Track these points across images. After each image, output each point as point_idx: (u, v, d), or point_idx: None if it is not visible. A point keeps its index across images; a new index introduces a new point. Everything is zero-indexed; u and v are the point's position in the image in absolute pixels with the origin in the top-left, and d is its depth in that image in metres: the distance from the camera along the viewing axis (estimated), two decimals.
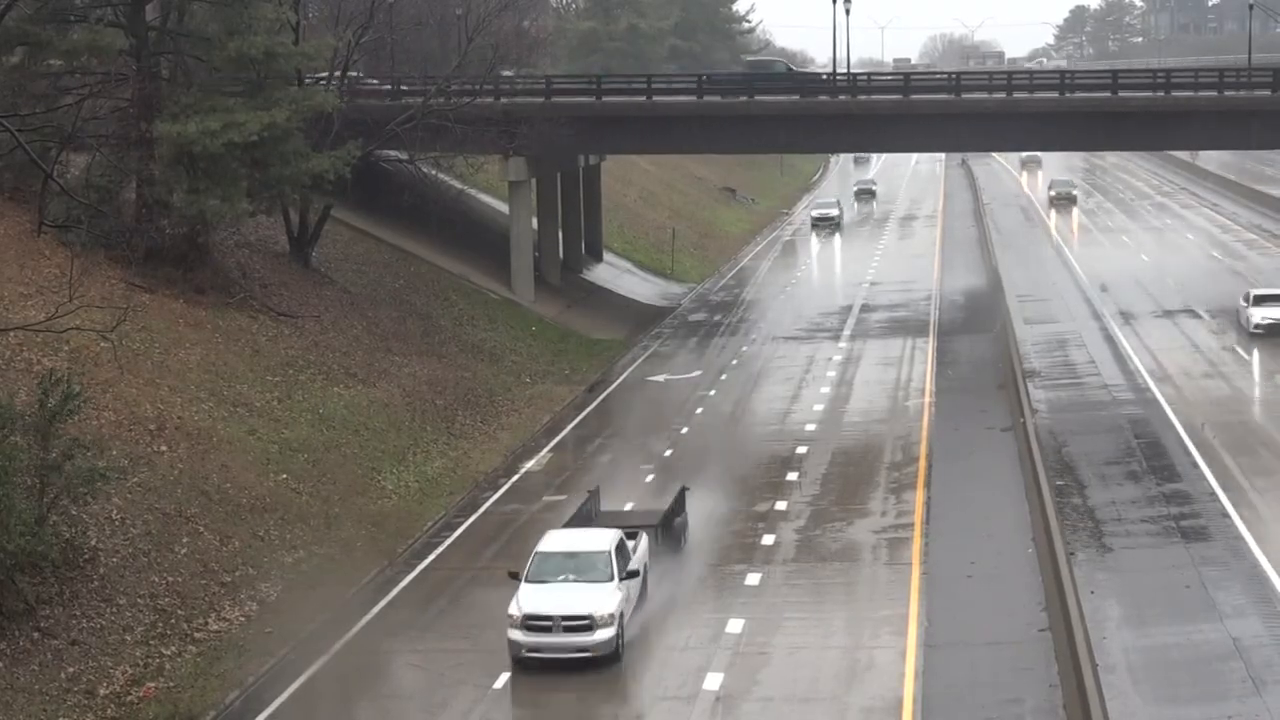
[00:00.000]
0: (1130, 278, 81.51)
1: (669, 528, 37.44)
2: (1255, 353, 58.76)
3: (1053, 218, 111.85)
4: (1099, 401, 52.90)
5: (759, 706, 28.70)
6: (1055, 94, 70.94)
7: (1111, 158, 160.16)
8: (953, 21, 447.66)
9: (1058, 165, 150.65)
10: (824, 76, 79.06)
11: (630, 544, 33.70)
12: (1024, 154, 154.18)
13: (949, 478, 43.86)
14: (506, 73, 73.12)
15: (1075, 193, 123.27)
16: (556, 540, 33.22)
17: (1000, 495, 41.82)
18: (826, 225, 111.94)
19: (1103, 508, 39.76)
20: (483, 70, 68.07)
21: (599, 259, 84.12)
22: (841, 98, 71.87)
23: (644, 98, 72.71)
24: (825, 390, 56.95)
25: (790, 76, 76.93)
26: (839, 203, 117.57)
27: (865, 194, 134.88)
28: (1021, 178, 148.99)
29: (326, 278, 59.02)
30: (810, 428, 50.96)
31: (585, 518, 36.99)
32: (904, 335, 68.29)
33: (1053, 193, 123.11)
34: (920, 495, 42.17)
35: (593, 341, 66.97)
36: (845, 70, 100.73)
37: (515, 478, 45.91)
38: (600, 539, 32.95)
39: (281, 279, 55.95)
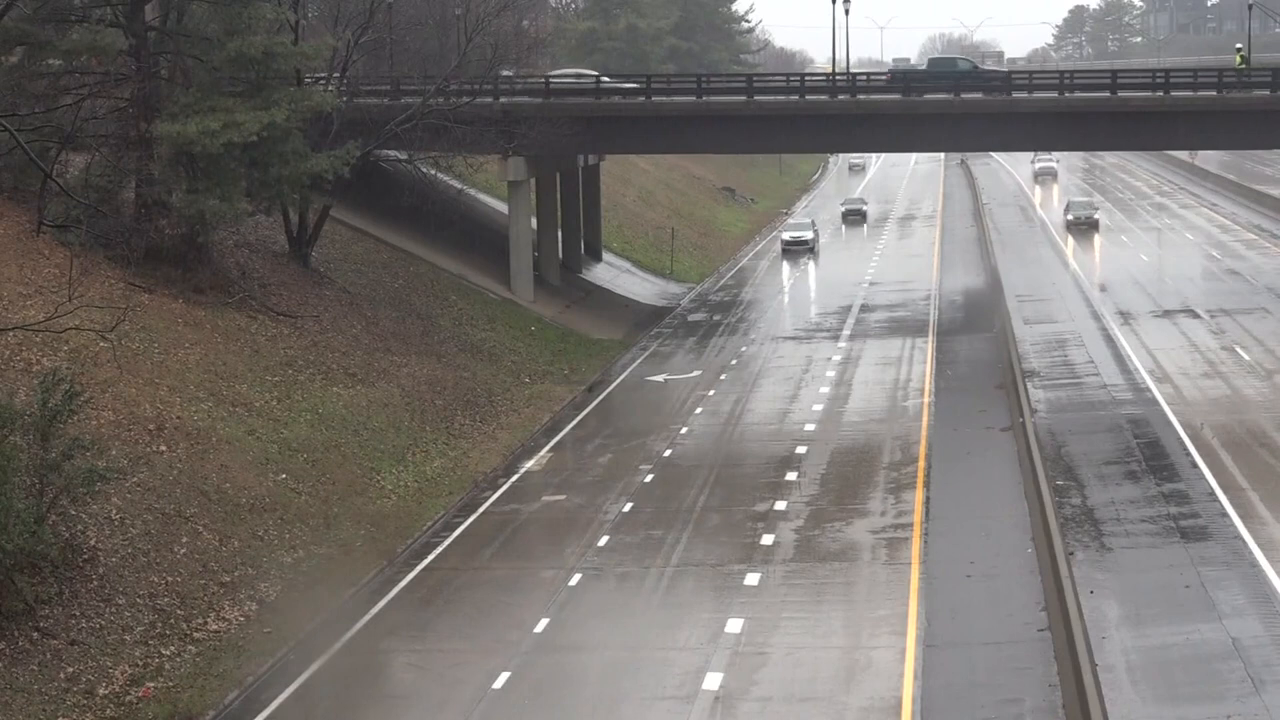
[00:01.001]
0: (1129, 277, 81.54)
1: None
2: None
3: (1070, 245, 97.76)
4: (1098, 401, 52.88)
5: (758, 706, 28.70)
6: (1055, 94, 70.93)
7: (1111, 158, 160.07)
8: (952, 21, 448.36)
9: (1074, 182, 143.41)
10: (1009, 74, 77.09)
11: None
12: (1037, 165, 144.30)
13: (948, 478, 43.87)
14: (506, 73, 73.21)
15: (1097, 216, 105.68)
16: None
17: (999, 495, 41.84)
18: (799, 249, 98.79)
19: (1102, 507, 39.75)
20: (482, 70, 68.10)
21: (598, 259, 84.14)
22: (841, 98, 71.84)
23: (644, 98, 72.71)
24: (824, 390, 56.96)
25: (976, 74, 75.06)
26: (813, 223, 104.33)
27: (855, 215, 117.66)
28: (1035, 194, 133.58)
29: (326, 278, 59.02)
30: (809, 427, 50.97)
31: None
32: (903, 335, 68.30)
33: (1070, 216, 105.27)
34: (919, 495, 42.17)
35: (592, 341, 66.99)
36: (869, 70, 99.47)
37: (515, 478, 45.93)
38: None
39: (281, 279, 55.95)
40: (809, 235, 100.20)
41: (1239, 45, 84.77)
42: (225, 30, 51.60)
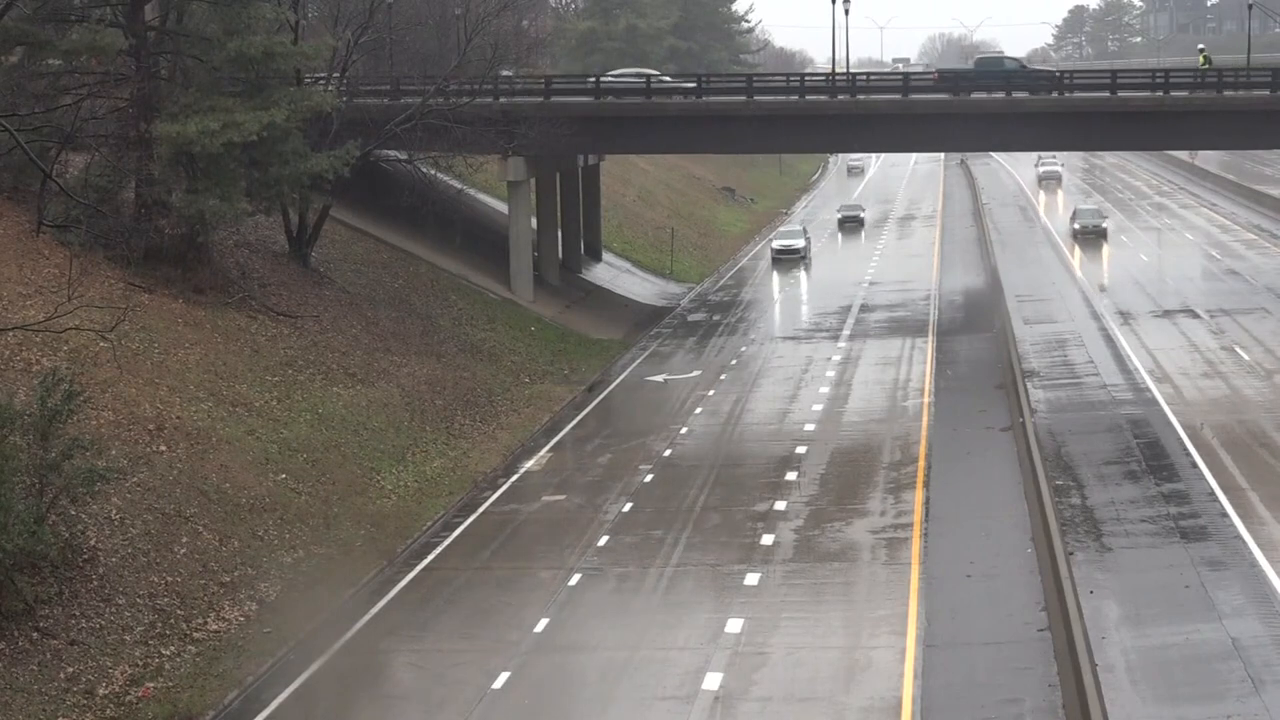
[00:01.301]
0: (1129, 277, 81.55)
1: None
2: None
3: (1077, 255, 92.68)
4: (1098, 401, 52.89)
5: (757, 706, 28.71)
6: (1055, 94, 70.89)
7: (1110, 158, 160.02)
8: (951, 21, 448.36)
9: (1074, 181, 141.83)
10: (1057, 74, 76.59)
11: None
12: (1040, 169, 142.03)
13: (948, 478, 43.86)
14: (506, 72, 73.20)
15: (1106, 225, 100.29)
16: None
17: (999, 495, 41.83)
18: (790, 258, 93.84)
19: (1102, 507, 39.76)
20: (482, 70, 68.11)
21: (598, 259, 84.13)
22: (841, 98, 71.82)
23: (644, 98, 72.70)
24: (824, 390, 56.96)
25: (1024, 74, 74.05)
26: (805, 230, 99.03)
27: (852, 221, 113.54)
28: (1039, 199, 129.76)
29: (325, 277, 59.01)
30: (809, 427, 50.97)
31: None
32: (903, 335, 68.30)
33: (1077, 225, 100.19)
34: (919, 495, 42.17)
35: (592, 341, 66.99)
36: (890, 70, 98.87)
37: (514, 478, 45.93)
38: None
39: (280, 279, 55.94)
40: (800, 244, 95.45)
41: (1201, 45, 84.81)
42: (225, 30, 51.59)
